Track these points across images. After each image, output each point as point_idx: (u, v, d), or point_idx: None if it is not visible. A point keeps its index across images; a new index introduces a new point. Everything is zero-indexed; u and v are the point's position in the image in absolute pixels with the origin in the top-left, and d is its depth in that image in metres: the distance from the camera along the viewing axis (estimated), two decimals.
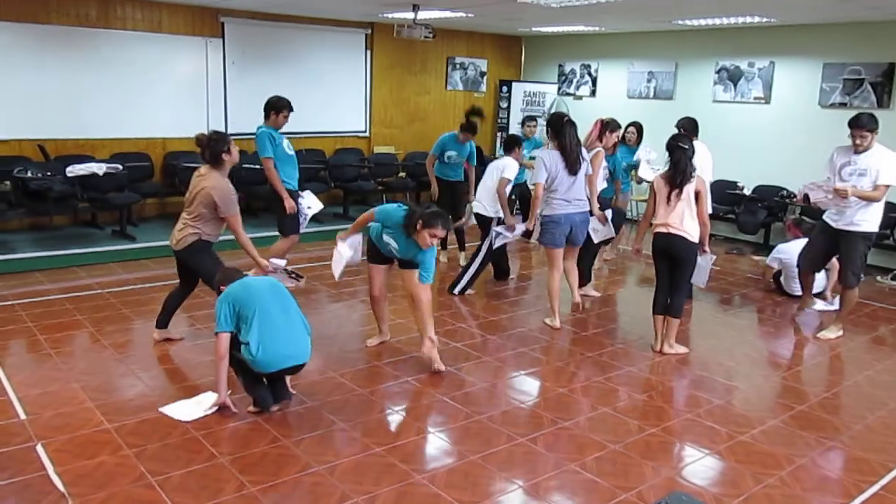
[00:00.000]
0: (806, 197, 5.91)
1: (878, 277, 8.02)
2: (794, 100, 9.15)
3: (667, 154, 5.38)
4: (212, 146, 4.91)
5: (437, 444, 4.00)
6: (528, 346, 5.55)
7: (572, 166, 5.70)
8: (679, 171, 5.22)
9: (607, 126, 6.55)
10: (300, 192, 6.49)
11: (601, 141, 6.47)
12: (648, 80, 10.76)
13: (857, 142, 5.51)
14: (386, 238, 4.91)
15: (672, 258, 5.31)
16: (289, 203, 6.27)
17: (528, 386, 4.89)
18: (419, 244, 4.72)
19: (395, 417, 4.32)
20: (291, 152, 6.41)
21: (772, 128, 9.37)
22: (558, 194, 5.72)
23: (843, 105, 8.62)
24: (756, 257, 7.43)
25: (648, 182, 6.58)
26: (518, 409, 4.46)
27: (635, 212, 10.68)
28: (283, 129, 6.33)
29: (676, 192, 5.24)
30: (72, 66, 8.39)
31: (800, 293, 6.78)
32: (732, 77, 9.74)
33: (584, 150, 5.91)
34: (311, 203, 6.53)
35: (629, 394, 4.72)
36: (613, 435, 4.13)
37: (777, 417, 4.46)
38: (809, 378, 5.19)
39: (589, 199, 6.06)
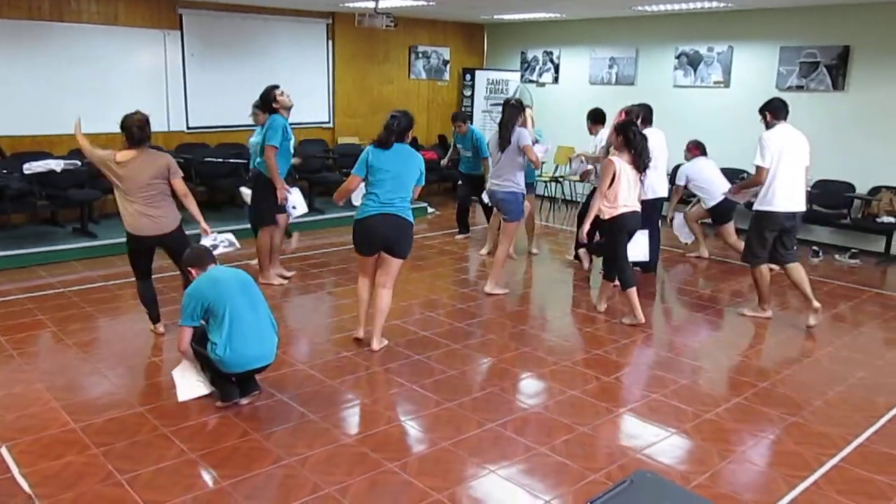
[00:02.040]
0: None
1: (837, 256, 8.20)
2: (752, 83, 9.29)
3: (620, 138, 5.63)
4: (147, 126, 4.97)
5: (407, 432, 4.02)
6: (495, 333, 5.59)
7: (502, 143, 6.22)
8: (645, 156, 5.63)
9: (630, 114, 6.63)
10: (289, 189, 6.45)
11: None
12: (610, 67, 10.83)
13: None
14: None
15: (632, 232, 5.79)
16: (281, 193, 6.29)
17: (496, 372, 4.92)
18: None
19: (365, 407, 4.33)
20: (291, 151, 6.49)
21: (731, 111, 9.50)
22: (490, 172, 6.54)
23: (799, 88, 8.78)
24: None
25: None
26: (487, 395, 4.49)
27: None
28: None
29: (639, 176, 5.64)
30: (26, 61, 8.20)
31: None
32: (692, 62, 9.85)
33: (516, 131, 6.21)
34: (297, 203, 6.55)
35: (597, 376, 4.79)
36: (582, 417, 4.19)
37: (741, 395, 4.56)
38: (771, 356, 5.31)
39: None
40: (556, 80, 11.66)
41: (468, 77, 12.20)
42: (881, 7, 8.05)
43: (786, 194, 5.62)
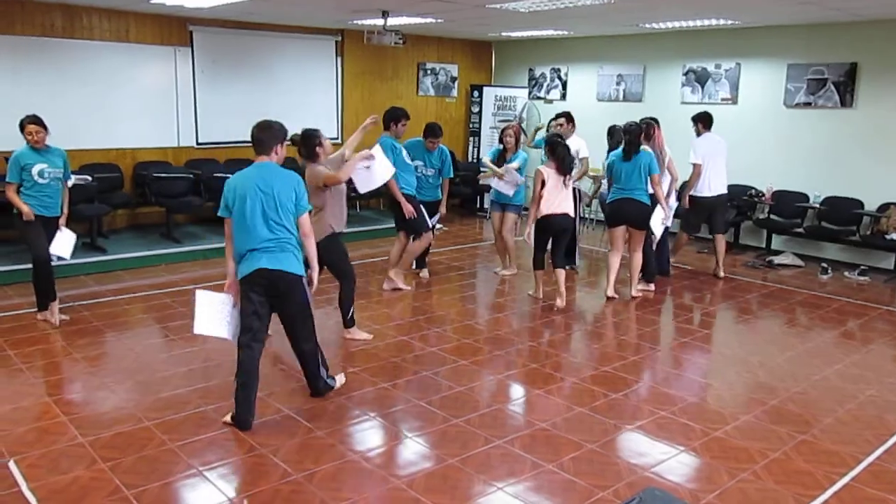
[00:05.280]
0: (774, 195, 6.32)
1: (846, 273, 8.16)
2: (760, 100, 9.30)
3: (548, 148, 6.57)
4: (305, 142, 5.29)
5: (415, 448, 4.01)
6: (503, 349, 5.57)
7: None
8: (566, 164, 6.45)
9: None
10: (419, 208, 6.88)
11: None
12: (618, 83, 10.86)
13: None
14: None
15: (564, 230, 6.61)
16: (407, 208, 6.63)
17: (504, 388, 4.91)
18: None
19: (372, 423, 4.32)
20: (409, 161, 6.81)
21: (739, 128, 9.49)
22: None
23: (807, 105, 8.78)
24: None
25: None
26: (495, 411, 4.48)
27: None
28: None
29: (563, 180, 6.48)
30: (39, 76, 8.28)
31: None
32: (700, 79, 9.87)
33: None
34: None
35: (605, 393, 4.77)
36: (589, 434, 4.17)
37: (750, 413, 4.53)
38: (781, 373, 5.27)
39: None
40: (563, 96, 11.69)
41: (476, 94, 12.25)
42: (888, 24, 8.06)
43: (710, 184, 7.57)
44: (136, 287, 7.03)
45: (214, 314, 4.23)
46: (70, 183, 6.07)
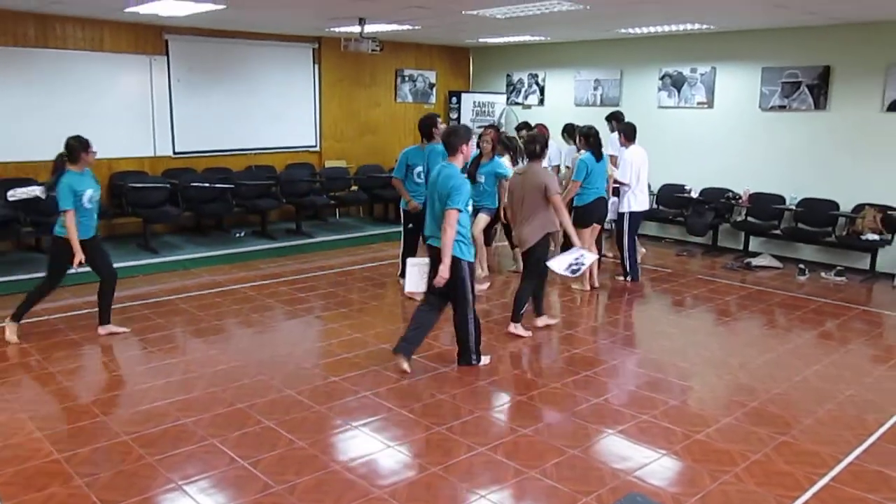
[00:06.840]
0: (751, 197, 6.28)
1: (823, 273, 8.24)
2: (735, 104, 9.39)
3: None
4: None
5: (397, 457, 3.98)
6: (485, 356, 5.55)
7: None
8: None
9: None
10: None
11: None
12: (595, 88, 10.92)
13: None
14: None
15: None
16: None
17: (487, 395, 4.89)
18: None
19: (353, 433, 4.29)
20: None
21: (716, 131, 9.59)
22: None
23: (782, 108, 8.87)
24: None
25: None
26: (477, 418, 4.46)
27: None
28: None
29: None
30: (11, 87, 8.18)
31: None
32: (676, 83, 9.95)
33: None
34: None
35: (586, 398, 4.77)
36: (572, 440, 4.16)
37: (731, 415, 4.55)
38: (760, 375, 5.30)
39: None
40: (541, 101, 11.74)
41: (454, 100, 12.26)
42: (860, 27, 8.17)
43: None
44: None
45: (420, 276, 5.29)
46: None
